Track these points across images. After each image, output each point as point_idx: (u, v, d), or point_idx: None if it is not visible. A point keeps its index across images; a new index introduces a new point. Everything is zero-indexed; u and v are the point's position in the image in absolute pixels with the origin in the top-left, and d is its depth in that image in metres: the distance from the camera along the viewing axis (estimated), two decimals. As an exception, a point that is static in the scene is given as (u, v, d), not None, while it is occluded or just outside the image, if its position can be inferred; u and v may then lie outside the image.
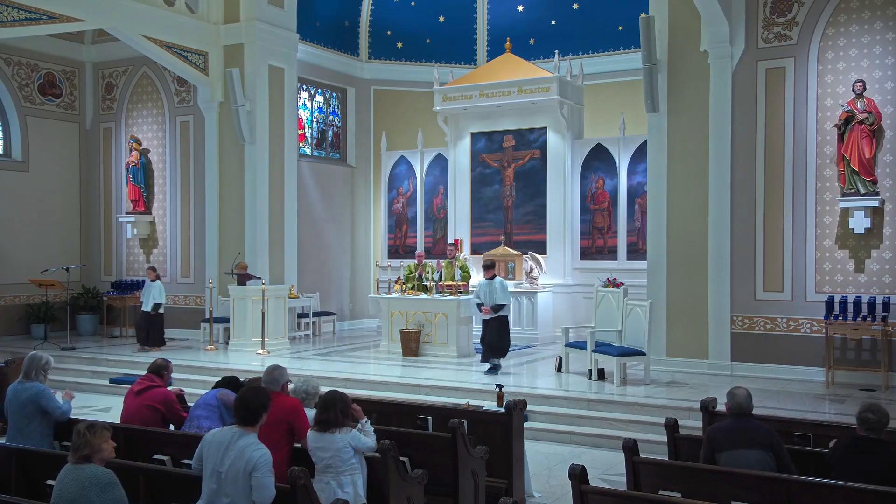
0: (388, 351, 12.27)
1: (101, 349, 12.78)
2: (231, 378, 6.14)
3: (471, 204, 15.08)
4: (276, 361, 8.97)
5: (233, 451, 4.33)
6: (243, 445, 4.34)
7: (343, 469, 4.81)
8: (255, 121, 13.71)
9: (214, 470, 4.35)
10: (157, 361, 6.51)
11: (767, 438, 4.88)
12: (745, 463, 4.76)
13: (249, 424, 4.43)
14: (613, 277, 11.19)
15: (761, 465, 4.76)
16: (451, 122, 15.18)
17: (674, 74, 10.87)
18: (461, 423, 5.52)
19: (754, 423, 5.01)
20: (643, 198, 12.97)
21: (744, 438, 4.85)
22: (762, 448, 4.82)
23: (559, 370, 10.58)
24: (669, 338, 10.78)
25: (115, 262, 15.44)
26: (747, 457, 4.78)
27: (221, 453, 4.35)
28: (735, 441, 4.85)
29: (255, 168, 13.79)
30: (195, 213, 14.60)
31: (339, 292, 16.40)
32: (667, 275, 10.87)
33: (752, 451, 4.80)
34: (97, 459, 4.20)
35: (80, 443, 4.18)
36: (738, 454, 4.80)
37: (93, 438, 4.19)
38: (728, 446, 4.86)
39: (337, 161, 16.88)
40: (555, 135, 14.34)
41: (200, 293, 14.33)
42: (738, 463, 4.77)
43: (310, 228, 15.49)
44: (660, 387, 9.61)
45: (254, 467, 4.26)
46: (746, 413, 5.02)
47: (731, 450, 4.83)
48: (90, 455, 4.17)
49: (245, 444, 4.34)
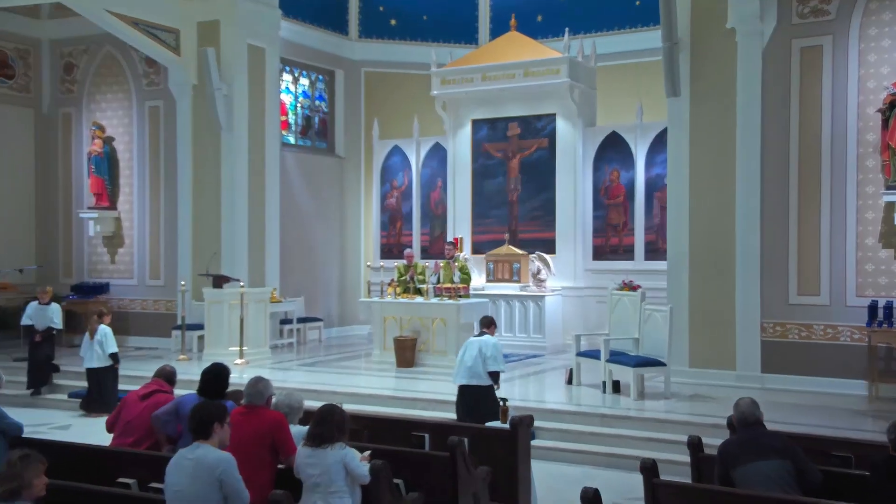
0: (380, 361, 12.26)
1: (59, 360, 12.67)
2: (217, 368, 6.10)
3: (472, 198, 15.06)
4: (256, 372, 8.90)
5: (189, 464, 4.43)
6: (200, 455, 4.45)
7: (332, 489, 4.83)
8: (233, 106, 13.68)
9: (175, 492, 4.42)
10: (167, 367, 6.64)
11: (782, 446, 4.91)
12: (762, 476, 4.78)
13: (203, 437, 4.56)
14: (630, 279, 11.17)
15: (780, 475, 4.79)
16: (451, 108, 15.14)
17: (697, 54, 10.84)
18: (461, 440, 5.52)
19: (765, 431, 5.06)
20: (663, 191, 12.96)
21: (756, 449, 4.88)
22: (779, 457, 4.85)
23: (570, 382, 10.57)
24: (692, 347, 10.74)
25: (76, 264, 15.38)
26: (764, 469, 4.80)
27: (178, 472, 4.44)
28: (748, 454, 4.88)
29: (233, 158, 13.76)
30: (166, 209, 14.56)
31: (326, 296, 16.38)
32: (689, 277, 10.84)
33: (769, 462, 4.82)
34: (26, 495, 4.02)
35: (10, 475, 3.99)
36: (753, 467, 4.82)
37: (25, 471, 4.00)
38: (742, 461, 4.89)
39: (324, 151, 16.85)
40: (565, 122, 14.32)
41: (172, 297, 14.29)
42: (755, 477, 4.79)
43: (294, 225, 15.46)
44: (682, 401, 9.59)
45: (221, 471, 4.38)
46: (754, 422, 5.07)
47: (745, 464, 4.85)
48: (19, 490, 3.98)
49: (202, 454, 4.47)
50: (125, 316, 14.48)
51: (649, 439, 8.40)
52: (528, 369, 11.76)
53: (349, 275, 16.77)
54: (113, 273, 15.06)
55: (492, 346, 8.30)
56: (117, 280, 14.98)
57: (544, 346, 13.48)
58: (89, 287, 14.98)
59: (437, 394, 10.00)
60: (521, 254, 14.14)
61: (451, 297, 12.00)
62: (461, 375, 8.34)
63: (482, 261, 14.56)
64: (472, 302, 12.37)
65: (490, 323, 8.62)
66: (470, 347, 8.39)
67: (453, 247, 13.28)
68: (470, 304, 12.19)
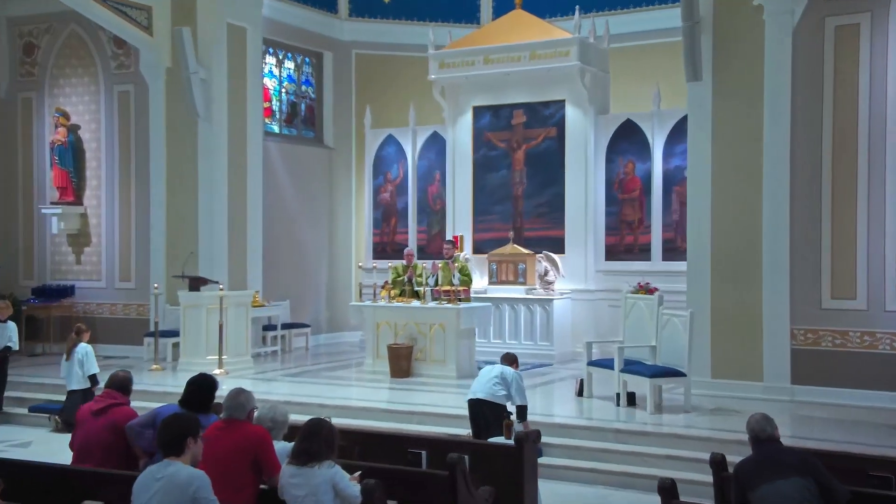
0: (373, 370, 12.26)
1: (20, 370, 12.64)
2: (203, 378, 6.08)
3: (473, 193, 15.05)
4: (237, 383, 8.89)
5: (159, 484, 4.43)
6: (171, 472, 4.45)
7: (319, 511, 4.84)
8: (211, 91, 13.67)
9: None
10: (119, 374, 6.54)
11: (801, 462, 4.91)
12: (783, 497, 4.79)
13: (175, 453, 4.57)
14: (646, 282, 11.16)
15: (803, 495, 4.79)
16: (450, 94, 15.13)
17: (720, 35, 10.82)
18: (461, 458, 5.52)
19: (782, 447, 5.06)
20: (682, 185, 12.94)
21: (775, 468, 4.88)
22: (799, 474, 4.84)
23: (580, 394, 10.57)
24: (715, 355, 10.74)
25: (38, 264, 15.35)
26: (784, 489, 4.80)
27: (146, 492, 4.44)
28: (765, 473, 4.88)
29: (211, 149, 13.75)
30: (137, 204, 14.54)
31: (313, 300, 16.38)
32: (711, 278, 10.84)
33: (789, 481, 4.81)
34: None
35: None
36: (772, 488, 4.82)
37: None
38: (759, 481, 4.88)
39: (311, 141, 16.84)
40: (575, 109, 14.31)
41: (144, 301, 14.27)
42: (775, 498, 4.80)
43: (278, 222, 15.45)
44: (703, 415, 9.59)
45: (195, 490, 4.39)
46: (767, 439, 5.08)
47: (764, 484, 4.84)
48: None
49: (173, 472, 4.46)
50: (92, 322, 14.36)
51: (668, 457, 8.39)
52: (535, 380, 11.75)
53: (339, 276, 16.76)
54: (79, 274, 15.03)
55: (515, 377, 8.43)
56: (83, 282, 14.95)
57: (552, 354, 13.47)
58: (52, 290, 14.95)
59: (435, 407, 9.98)
60: (527, 253, 14.12)
61: (451, 301, 11.98)
62: (476, 390, 8.42)
63: (484, 261, 14.53)
64: (474, 306, 12.36)
65: (514, 361, 8.77)
66: (490, 370, 8.55)
67: (453, 246, 13.27)
68: (471, 308, 12.18)
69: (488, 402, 8.25)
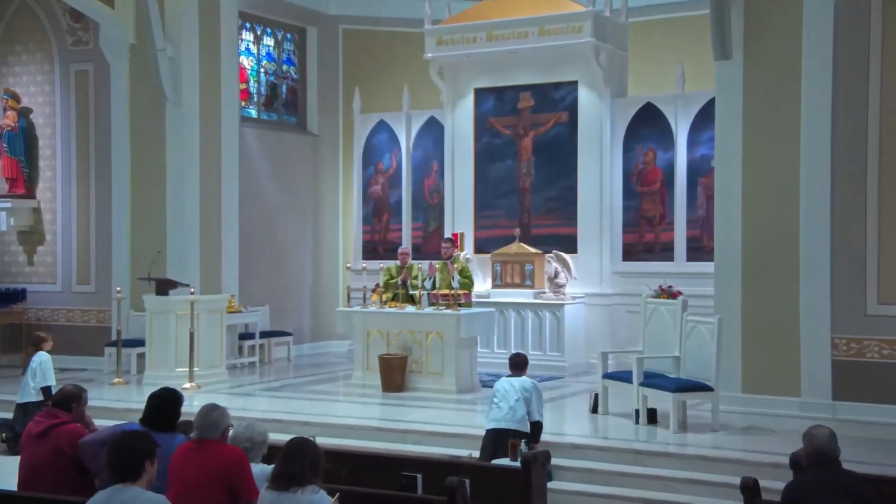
0: (362, 384, 12.27)
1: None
2: (166, 393, 6.06)
3: (474, 186, 15.07)
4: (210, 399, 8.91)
5: None
6: (129, 500, 4.42)
7: (302, 542, 4.85)
8: (181, 71, 13.66)
9: None
10: (66, 388, 6.52)
11: (860, 492, 4.90)
12: None
13: (132, 478, 4.54)
14: (668, 285, 11.15)
15: None
16: (449, 74, 15.14)
17: (752, 7, 10.81)
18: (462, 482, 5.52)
19: (843, 471, 5.04)
20: (709, 176, 12.95)
21: (833, 494, 4.85)
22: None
23: (594, 410, 10.56)
24: (746, 367, 10.72)
25: (-15, 265, 15.35)
26: None
27: None
28: (822, 499, 4.85)
29: (180, 136, 13.75)
30: (98, 198, 14.53)
31: (296, 305, 16.39)
32: (742, 281, 10.81)
33: None
34: None
35: None
36: None
37: None
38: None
39: (293, 127, 16.86)
40: (589, 91, 14.32)
41: (105, 307, 14.27)
42: None
43: (256, 219, 15.47)
44: (733, 434, 9.58)
45: None
46: (831, 460, 5.06)
47: None
48: None
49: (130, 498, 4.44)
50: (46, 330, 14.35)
51: (693, 481, 8.37)
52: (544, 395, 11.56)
53: (324, 279, 16.77)
54: (31, 277, 15.02)
55: (535, 388, 8.66)
56: (36, 286, 14.93)
57: (563, 365, 13.47)
58: (1, 294, 14.91)
59: (432, 425, 9.97)
60: (535, 253, 14.12)
61: (450, 306, 11.97)
62: (499, 418, 8.47)
63: (487, 262, 14.55)
64: (475, 312, 12.35)
65: (525, 363, 8.95)
66: (508, 388, 8.62)
67: (452, 244, 13.28)
68: (472, 314, 12.16)
69: (514, 433, 8.26)
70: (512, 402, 8.57)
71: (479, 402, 11.16)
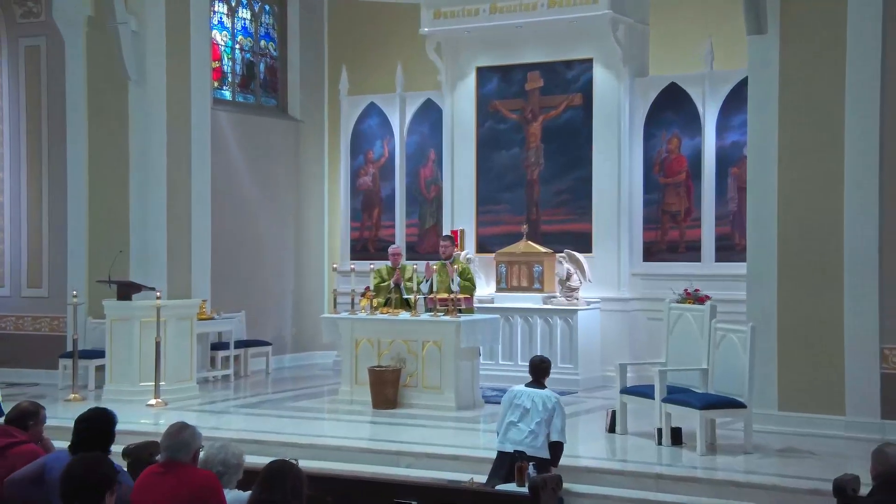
0: (350, 400, 12.28)
1: None
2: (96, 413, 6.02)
3: (476, 177, 15.10)
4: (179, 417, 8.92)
5: None
6: None
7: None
8: (145, 47, 13.68)
9: None
10: (22, 405, 6.52)
11: None
12: None
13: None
14: (695, 288, 11.13)
15: None
16: (448, 51, 15.16)
17: (790, -26, 10.81)
18: (462, 511, 5.45)
19: None
20: (741, 166, 12.97)
21: None
22: None
23: (612, 430, 10.57)
24: (782, 381, 10.71)
25: (-78, 267, 15.33)
26: None
27: None
28: None
29: (145, 120, 13.77)
30: (51, 191, 14.55)
31: (276, 311, 16.43)
32: (778, 284, 10.81)
33: None
34: None
35: None
36: None
37: None
38: None
39: (273, 110, 16.87)
40: (605, 71, 14.34)
41: (60, 313, 14.28)
42: None
43: (231, 214, 15.49)
44: (768, 456, 9.57)
45: None
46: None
47: None
48: None
49: None
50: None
51: (724, 510, 8.39)
52: (555, 412, 11.71)
53: (308, 282, 16.81)
54: (-25, 280, 15.03)
55: (559, 405, 8.59)
56: (-20, 289, 14.94)
57: (576, 379, 13.49)
58: (-58, 300, 14.94)
59: (428, 445, 9.99)
60: (545, 252, 14.14)
61: (449, 313, 11.96)
62: (518, 440, 8.39)
63: (491, 262, 14.58)
64: (477, 318, 12.34)
65: (548, 370, 8.87)
66: (528, 405, 8.53)
67: (451, 243, 13.23)
68: (474, 321, 12.15)
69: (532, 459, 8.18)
70: (533, 424, 8.46)
71: (481, 421, 11.19)
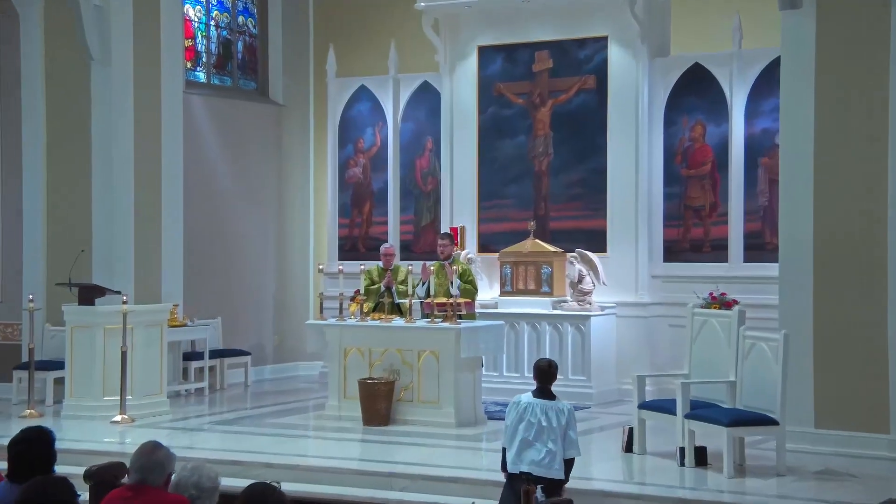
0: (338, 416, 12.30)
1: None
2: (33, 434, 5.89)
3: (478, 168, 15.13)
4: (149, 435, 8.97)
5: None
6: None
7: None
8: (110, 23, 13.63)
9: None
10: None
11: None
12: None
13: None
14: (721, 292, 11.11)
15: None
16: (447, 29, 15.19)
17: (827, -57, 10.80)
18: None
19: None
20: (773, 157, 12.96)
21: None
22: None
23: (629, 449, 10.57)
24: (819, 395, 10.68)
25: None
26: None
27: None
28: None
29: (109, 105, 13.77)
30: (4, 185, 14.60)
31: (255, 317, 16.45)
32: (814, 287, 10.79)
33: None
34: None
35: None
36: None
37: None
38: None
39: (251, 94, 16.90)
40: (622, 50, 14.37)
41: (15, 320, 14.26)
42: None
43: (206, 209, 15.50)
44: (803, 479, 9.57)
45: None
46: None
47: None
48: None
49: None
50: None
51: (754, 539, 8.43)
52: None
53: (291, 284, 16.85)
54: (-79, 284, 15.00)
55: (572, 417, 8.39)
56: (-75, 294, 14.93)
57: (590, 393, 13.51)
58: None
59: (425, 466, 10.00)
60: (554, 252, 14.15)
61: (448, 319, 11.95)
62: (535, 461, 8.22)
63: (494, 263, 14.59)
64: (480, 325, 12.33)
65: (553, 377, 8.58)
66: (543, 421, 8.35)
67: (450, 242, 13.23)
68: (475, 328, 12.13)
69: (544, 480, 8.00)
70: (550, 443, 8.28)
71: (483, 439, 11.21)
